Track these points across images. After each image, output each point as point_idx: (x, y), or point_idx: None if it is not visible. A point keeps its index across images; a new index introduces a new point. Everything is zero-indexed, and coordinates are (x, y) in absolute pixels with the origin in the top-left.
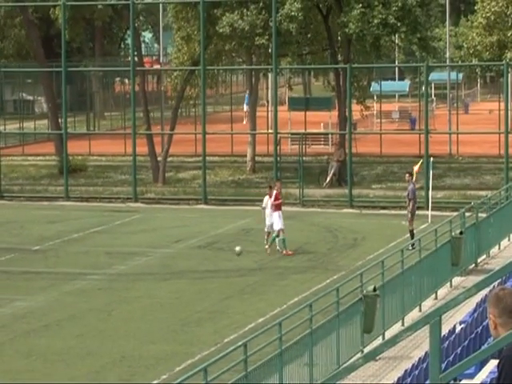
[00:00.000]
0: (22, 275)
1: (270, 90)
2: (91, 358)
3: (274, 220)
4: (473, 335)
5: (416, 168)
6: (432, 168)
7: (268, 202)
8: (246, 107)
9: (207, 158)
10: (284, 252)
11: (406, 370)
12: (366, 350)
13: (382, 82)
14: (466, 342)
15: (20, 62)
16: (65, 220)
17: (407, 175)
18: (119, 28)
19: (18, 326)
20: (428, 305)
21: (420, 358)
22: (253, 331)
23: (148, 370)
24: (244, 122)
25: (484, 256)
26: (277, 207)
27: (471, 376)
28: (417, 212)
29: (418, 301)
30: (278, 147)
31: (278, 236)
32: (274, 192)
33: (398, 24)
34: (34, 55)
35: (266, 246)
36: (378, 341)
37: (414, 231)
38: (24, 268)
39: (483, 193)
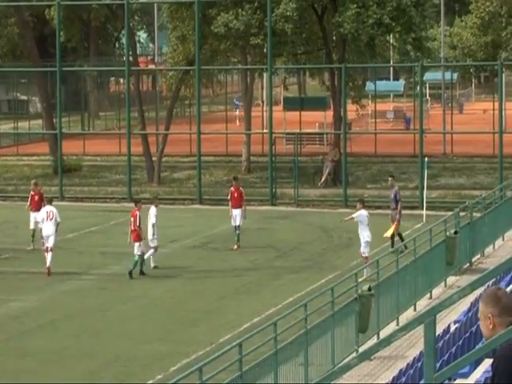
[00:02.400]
0: (16, 275)
1: (265, 90)
2: (86, 358)
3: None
4: (467, 334)
5: (388, 234)
6: (426, 168)
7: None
8: (237, 110)
9: (202, 157)
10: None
11: (400, 370)
12: (360, 350)
13: (377, 82)
14: (461, 341)
15: (14, 61)
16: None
17: (390, 179)
18: (114, 28)
19: (12, 327)
20: (423, 304)
21: (415, 358)
22: (248, 331)
23: (143, 369)
24: (237, 123)
25: (478, 255)
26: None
27: (465, 375)
28: (411, 212)
29: (412, 300)
30: (273, 147)
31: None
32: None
33: (393, 24)
34: (27, 55)
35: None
36: (373, 340)
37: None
38: (19, 268)
39: (477, 192)
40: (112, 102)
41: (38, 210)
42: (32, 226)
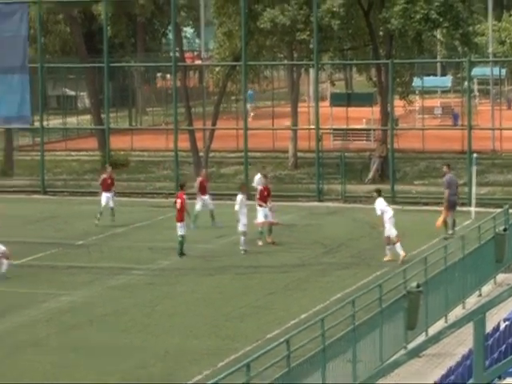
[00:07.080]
0: (66, 270)
1: (311, 86)
2: (136, 353)
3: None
4: None
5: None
6: (475, 164)
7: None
8: (248, 105)
9: (249, 153)
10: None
11: (449, 368)
12: (409, 347)
13: (424, 78)
14: (511, 339)
15: (63, 57)
16: (108, 215)
17: (445, 167)
18: (161, 23)
19: (63, 320)
20: (472, 302)
21: (464, 356)
22: (296, 327)
23: (191, 364)
24: (249, 120)
25: None
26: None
27: None
28: (460, 208)
29: (461, 298)
30: (320, 143)
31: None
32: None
33: (440, 19)
34: (76, 51)
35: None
36: (422, 337)
37: (450, 222)
38: (68, 263)
39: None
40: (159, 97)
41: (108, 190)
42: (103, 203)
